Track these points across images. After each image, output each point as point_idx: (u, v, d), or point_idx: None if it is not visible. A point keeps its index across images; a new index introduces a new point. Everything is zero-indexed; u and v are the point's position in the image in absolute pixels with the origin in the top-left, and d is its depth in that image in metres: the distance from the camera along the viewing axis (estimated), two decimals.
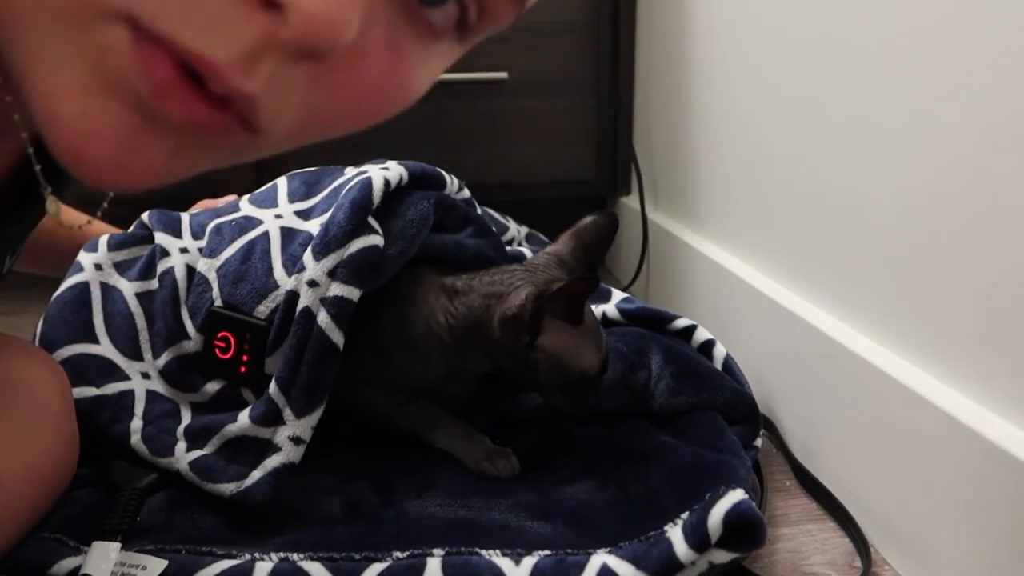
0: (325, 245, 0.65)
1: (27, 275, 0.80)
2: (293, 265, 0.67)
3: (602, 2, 1.27)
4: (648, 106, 1.27)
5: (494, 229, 0.81)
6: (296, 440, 0.63)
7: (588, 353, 0.64)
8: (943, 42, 0.57)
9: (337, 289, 0.64)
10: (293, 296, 0.66)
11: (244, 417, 0.64)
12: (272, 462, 0.62)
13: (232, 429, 0.64)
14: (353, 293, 0.65)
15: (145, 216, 0.78)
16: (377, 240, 0.67)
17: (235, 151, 0.31)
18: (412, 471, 0.68)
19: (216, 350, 0.68)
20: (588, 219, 0.73)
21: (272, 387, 0.64)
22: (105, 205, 0.53)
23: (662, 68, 1.19)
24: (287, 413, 0.63)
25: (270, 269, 0.68)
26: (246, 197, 0.79)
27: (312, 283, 0.64)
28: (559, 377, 0.64)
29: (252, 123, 0.29)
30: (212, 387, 0.69)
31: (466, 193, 0.81)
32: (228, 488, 0.61)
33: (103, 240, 0.76)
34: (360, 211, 0.67)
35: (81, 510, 0.60)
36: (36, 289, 0.97)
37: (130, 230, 0.78)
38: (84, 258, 0.75)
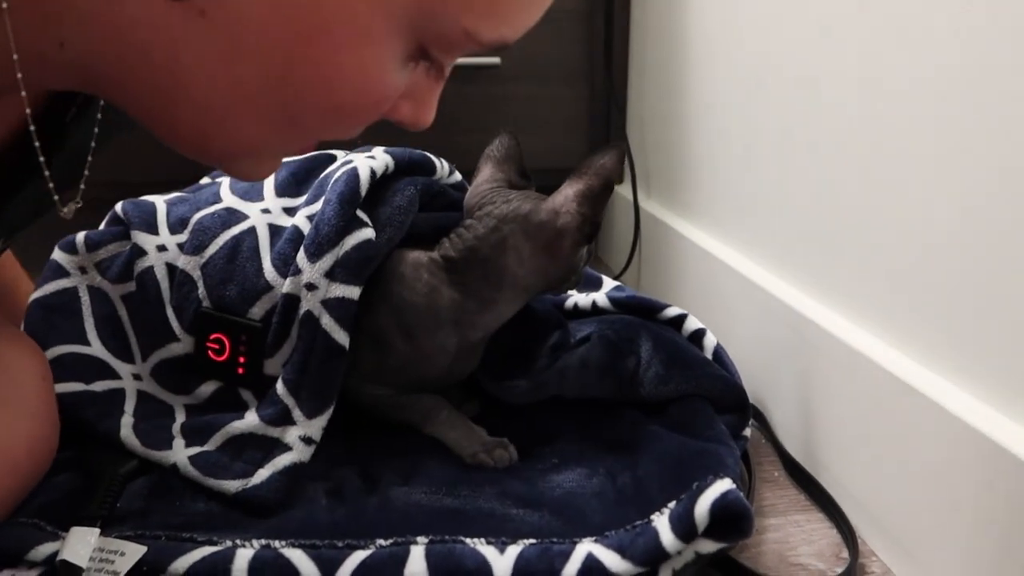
0: (318, 245, 0.64)
1: None
2: (284, 265, 0.67)
3: None
4: (641, 95, 1.26)
5: None
6: (307, 440, 0.63)
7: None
8: (937, 32, 0.57)
9: (337, 290, 0.64)
10: (291, 299, 0.65)
11: (252, 416, 0.64)
12: (283, 460, 0.62)
13: (238, 426, 0.64)
14: (353, 292, 0.64)
15: (119, 208, 0.74)
16: (369, 233, 0.66)
17: None
18: (399, 458, 0.67)
19: (209, 352, 0.67)
20: (488, 148, 0.74)
21: (280, 387, 0.64)
22: (83, 187, 0.52)
23: (656, 57, 1.18)
24: (297, 414, 0.63)
25: (260, 269, 0.67)
26: (226, 183, 0.76)
27: (311, 286, 0.64)
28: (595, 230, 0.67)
29: None
30: (207, 388, 0.68)
31: (457, 177, 0.80)
32: (234, 485, 0.60)
33: (80, 239, 0.73)
34: (348, 206, 0.66)
35: (60, 496, 0.59)
36: None
37: (103, 225, 0.75)
38: (64, 259, 0.72)
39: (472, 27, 0.40)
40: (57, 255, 0.73)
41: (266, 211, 0.72)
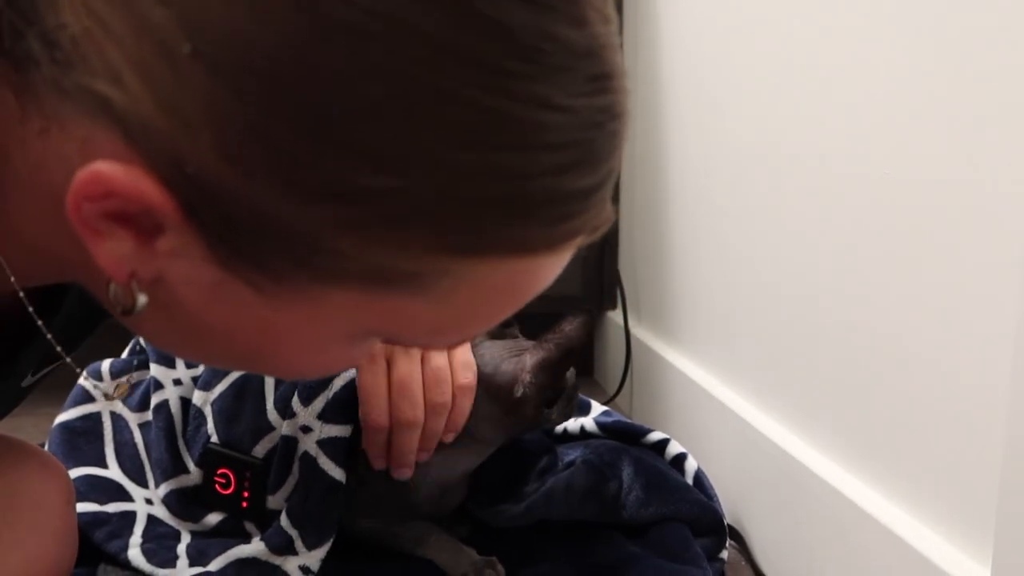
0: (310, 389, 0.71)
1: None
2: (285, 407, 0.72)
3: None
4: (631, 228, 1.34)
5: None
6: (306, 570, 0.67)
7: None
8: (891, 168, 0.64)
9: (330, 430, 0.69)
10: (290, 440, 0.71)
11: (258, 542, 0.69)
12: None
13: (244, 550, 0.68)
14: (344, 430, 0.70)
15: (142, 339, 0.82)
16: (354, 373, 0.71)
17: None
18: None
19: (217, 485, 0.73)
20: None
21: (284, 519, 0.69)
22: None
23: (644, 194, 1.28)
24: (299, 544, 0.68)
25: (263, 410, 0.73)
26: None
27: (306, 428, 0.70)
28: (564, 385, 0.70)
29: None
30: (213, 518, 0.73)
31: None
32: None
33: (105, 367, 0.80)
34: None
35: None
36: (35, 394, 1.02)
37: (125, 354, 0.82)
38: (90, 385, 0.79)
39: (429, 343, 0.43)
40: (83, 381, 0.79)
41: None
